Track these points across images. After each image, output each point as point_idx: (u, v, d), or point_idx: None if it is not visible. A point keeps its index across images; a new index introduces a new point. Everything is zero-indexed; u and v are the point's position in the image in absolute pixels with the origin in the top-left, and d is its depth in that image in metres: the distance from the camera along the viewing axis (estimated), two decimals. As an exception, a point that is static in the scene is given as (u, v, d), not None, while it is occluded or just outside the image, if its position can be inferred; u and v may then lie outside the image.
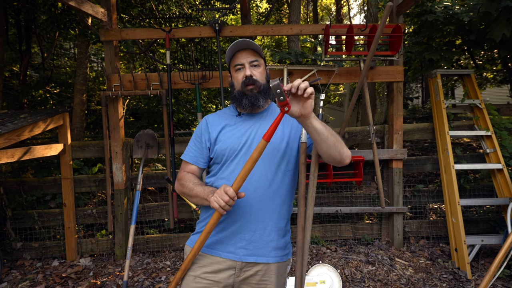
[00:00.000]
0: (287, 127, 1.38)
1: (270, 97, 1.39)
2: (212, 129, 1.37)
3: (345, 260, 3.05)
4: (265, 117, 1.39)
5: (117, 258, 3.24)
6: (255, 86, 1.33)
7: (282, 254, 1.33)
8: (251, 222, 1.26)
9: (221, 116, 1.42)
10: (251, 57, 1.34)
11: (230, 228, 1.27)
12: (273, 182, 1.29)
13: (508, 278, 2.74)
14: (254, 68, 1.35)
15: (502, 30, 2.97)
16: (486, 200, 3.09)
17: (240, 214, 1.26)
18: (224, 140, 1.32)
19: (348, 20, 11.25)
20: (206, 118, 1.43)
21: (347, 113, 2.55)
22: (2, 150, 2.49)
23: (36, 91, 5.01)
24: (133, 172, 3.45)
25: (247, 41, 1.32)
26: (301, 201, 1.28)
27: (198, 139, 1.39)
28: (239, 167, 1.26)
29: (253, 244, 1.26)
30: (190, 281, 1.28)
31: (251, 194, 1.25)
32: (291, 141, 1.34)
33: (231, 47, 1.34)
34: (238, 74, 1.35)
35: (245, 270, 1.27)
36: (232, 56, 1.38)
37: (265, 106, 1.41)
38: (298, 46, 4.81)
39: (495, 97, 10.94)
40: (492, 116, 3.40)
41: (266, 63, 1.45)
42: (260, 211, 1.27)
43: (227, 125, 1.37)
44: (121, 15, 4.98)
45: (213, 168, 1.37)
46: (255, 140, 1.31)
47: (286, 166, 1.32)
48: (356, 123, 8.23)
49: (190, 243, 1.35)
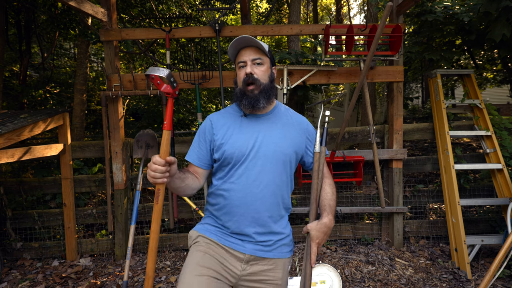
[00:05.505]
0: (301, 135, 1.39)
1: (273, 97, 1.38)
2: (216, 130, 1.34)
3: (345, 260, 3.05)
4: (273, 119, 1.37)
5: (117, 258, 3.24)
6: (256, 86, 1.31)
7: (288, 250, 1.38)
8: (263, 225, 1.29)
9: (226, 116, 1.39)
10: (254, 55, 1.32)
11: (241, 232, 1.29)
12: (281, 187, 1.32)
13: (508, 278, 2.74)
14: (257, 66, 1.33)
15: (502, 30, 2.97)
16: (486, 200, 3.09)
17: (250, 219, 1.28)
18: (232, 143, 1.29)
19: (348, 20, 11.25)
20: (210, 118, 1.40)
21: (347, 113, 2.55)
22: (2, 150, 2.49)
23: (36, 91, 5.00)
24: (133, 172, 3.45)
25: (251, 38, 1.30)
26: (313, 205, 1.32)
27: (202, 140, 1.37)
28: (248, 172, 1.27)
29: (263, 244, 1.30)
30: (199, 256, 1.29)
31: (260, 199, 1.27)
32: (298, 150, 1.37)
33: (233, 43, 1.32)
34: (240, 71, 1.34)
35: (252, 264, 1.29)
36: (237, 54, 1.37)
37: (268, 107, 1.39)
38: (298, 46, 4.81)
39: (495, 97, 10.94)
40: (492, 116, 3.40)
41: (274, 63, 1.43)
42: (270, 215, 1.30)
43: (232, 126, 1.34)
44: (121, 15, 4.98)
45: (219, 170, 1.35)
46: (263, 144, 1.30)
47: (290, 171, 1.36)
48: (356, 123, 8.23)
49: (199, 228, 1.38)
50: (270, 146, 1.30)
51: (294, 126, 1.39)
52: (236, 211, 1.27)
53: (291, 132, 1.36)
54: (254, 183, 1.27)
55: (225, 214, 1.30)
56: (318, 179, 1.32)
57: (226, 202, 1.29)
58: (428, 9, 3.55)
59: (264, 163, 1.28)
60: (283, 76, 3.07)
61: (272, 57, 1.40)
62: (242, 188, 1.27)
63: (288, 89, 3.06)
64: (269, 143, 1.30)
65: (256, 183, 1.27)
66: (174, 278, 2.84)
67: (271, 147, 1.30)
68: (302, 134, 1.40)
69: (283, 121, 1.38)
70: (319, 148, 1.34)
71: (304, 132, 1.41)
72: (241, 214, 1.27)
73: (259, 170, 1.27)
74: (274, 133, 1.33)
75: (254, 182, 1.27)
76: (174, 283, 2.77)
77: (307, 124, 1.44)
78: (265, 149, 1.29)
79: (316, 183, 1.31)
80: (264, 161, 1.28)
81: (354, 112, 8.11)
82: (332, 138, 3.40)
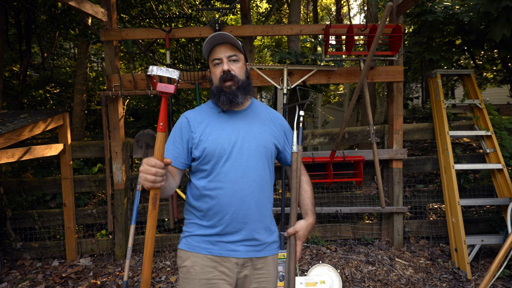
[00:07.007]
0: (279, 130, 1.41)
1: (250, 93, 1.38)
2: (194, 128, 1.30)
3: (345, 260, 3.05)
4: (251, 115, 1.37)
5: (117, 258, 3.24)
6: (234, 82, 1.29)
7: (276, 246, 1.39)
8: (253, 222, 1.28)
9: (202, 113, 1.36)
10: (230, 52, 1.30)
11: (232, 232, 1.27)
12: (266, 182, 1.33)
13: (508, 278, 2.74)
14: (233, 63, 1.31)
15: (502, 30, 2.97)
16: (486, 200, 3.09)
17: (242, 217, 1.26)
18: (213, 140, 1.26)
19: (348, 20, 11.25)
20: (185, 116, 1.35)
21: (347, 113, 2.55)
22: (2, 150, 2.49)
23: (36, 91, 5.00)
24: (133, 172, 3.45)
25: (225, 34, 1.28)
26: (293, 204, 1.33)
27: (178, 139, 1.31)
28: (234, 168, 1.25)
29: (255, 242, 1.29)
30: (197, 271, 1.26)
31: (250, 195, 1.26)
32: (278, 144, 1.39)
33: (208, 41, 1.29)
34: (216, 69, 1.32)
35: (246, 266, 1.29)
36: (210, 51, 1.34)
37: (246, 103, 1.38)
38: (298, 46, 4.81)
39: (495, 97, 10.94)
40: (492, 116, 3.40)
41: (247, 59, 1.41)
42: (259, 211, 1.29)
43: (211, 122, 1.31)
44: (121, 15, 4.97)
45: (199, 169, 1.30)
46: (246, 139, 1.29)
47: (272, 165, 1.37)
48: (356, 123, 8.23)
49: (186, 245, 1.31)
50: (252, 141, 1.29)
51: (272, 121, 1.40)
52: (227, 210, 1.24)
53: (270, 127, 1.37)
54: (242, 179, 1.25)
55: (214, 214, 1.26)
56: (297, 178, 1.34)
57: (215, 201, 1.25)
58: (428, 9, 3.55)
59: (249, 159, 1.27)
60: (283, 76, 3.07)
61: (245, 53, 1.39)
62: (231, 185, 1.24)
63: (288, 89, 3.06)
64: (251, 138, 1.30)
65: (245, 179, 1.25)
66: (174, 278, 2.84)
67: (253, 143, 1.29)
68: (280, 129, 1.41)
69: (261, 117, 1.39)
70: (296, 148, 1.36)
71: (282, 127, 1.43)
72: (232, 212, 1.24)
73: (245, 166, 1.26)
74: (255, 128, 1.33)
75: (242, 178, 1.25)
76: (174, 283, 2.77)
77: (283, 120, 1.46)
78: (248, 144, 1.28)
79: (296, 182, 1.34)
80: (248, 157, 1.27)
81: (354, 112, 8.11)
82: (332, 138, 3.40)
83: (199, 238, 1.29)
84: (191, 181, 1.34)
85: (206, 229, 1.28)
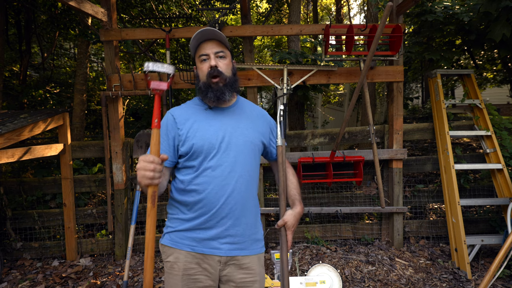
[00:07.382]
0: (265, 126, 1.43)
1: (237, 90, 1.39)
2: (181, 125, 1.30)
3: (345, 260, 3.05)
4: (237, 111, 1.38)
5: (117, 258, 3.24)
6: (221, 79, 1.29)
7: (261, 245, 1.39)
8: (238, 218, 1.28)
9: (188, 110, 1.36)
10: (217, 48, 1.31)
11: (217, 226, 1.26)
12: (253, 178, 1.35)
13: (508, 278, 2.74)
14: (220, 60, 1.31)
15: (502, 30, 2.97)
16: (486, 200, 3.09)
17: (227, 211, 1.26)
18: (201, 136, 1.27)
19: (348, 20, 11.25)
20: (171, 113, 1.35)
21: (347, 113, 2.55)
22: (2, 150, 2.49)
23: (36, 91, 5.00)
24: (133, 172, 3.45)
25: (212, 30, 1.28)
26: (282, 196, 1.39)
27: (165, 136, 1.30)
28: (222, 164, 1.26)
29: (238, 238, 1.29)
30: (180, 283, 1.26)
31: (236, 190, 1.27)
32: (264, 140, 1.41)
33: (195, 36, 1.30)
34: (203, 65, 1.32)
35: (229, 264, 1.29)
36: (197, 47, 1.34)
37: (232, 100, 1.39)
38: (298, 46, 4.81)
39: (495, 97, 10.94)
40: (492, 116, 3.40)
41: (233, 56, 1.43)
42: (245, 207, 1.30)
43: (198, 119, 1.32)
44: (121, 15, 4.97)
45: (186, 165, 1.30)
46: (234, 135, 1.30)
47: (258, 161, 1.39)
48: (356, 123, 8.24)
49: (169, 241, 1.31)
50: (240, 137, 1.31)
51: (258, 118, 1.42)
52: (214, 204, 1.24)
53: (257, 123, 1.39)
54: (230, 175, 1.26)
55: (200, 209, 1.26)
56: (283, 171, 1.41)
57: (201, 196, 1.25)
58: (428, 9, 3.55)
59: (237, 154, 1.28)
60: (283, 76, 3.07)
61: (231, 50, 1.40)
62: (219, 180, 1.25)
63: (288, 89, 3.06)
64: (239, 134, 1.31)
65: (232, 175, 1.26)
66: (174, 278, 2.84)
67: (241, 138, 1.31)
68: (266, 125, 1.44)
69: (248, 113, 1.40)
70: (281, 142, 1.42)
71: (268, 124, 1.45)
72: (218, 207, 1.25)
73: (233, 162, 1.27)
74: (241, 124, 1.34)
75: (230, 173, 1.26)
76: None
77: (268, 116, 1.48)
78: (235, 140, 1.29)
79: (282, 175, 1.41)
80: (236, 152, 1.28)
81: (354, 112, 8.12)
82: (332, 138, 3.40)
83: (182, 234, 1.29)
84: (176, 177, 1.34)
85: (189, 222, 1.28)
